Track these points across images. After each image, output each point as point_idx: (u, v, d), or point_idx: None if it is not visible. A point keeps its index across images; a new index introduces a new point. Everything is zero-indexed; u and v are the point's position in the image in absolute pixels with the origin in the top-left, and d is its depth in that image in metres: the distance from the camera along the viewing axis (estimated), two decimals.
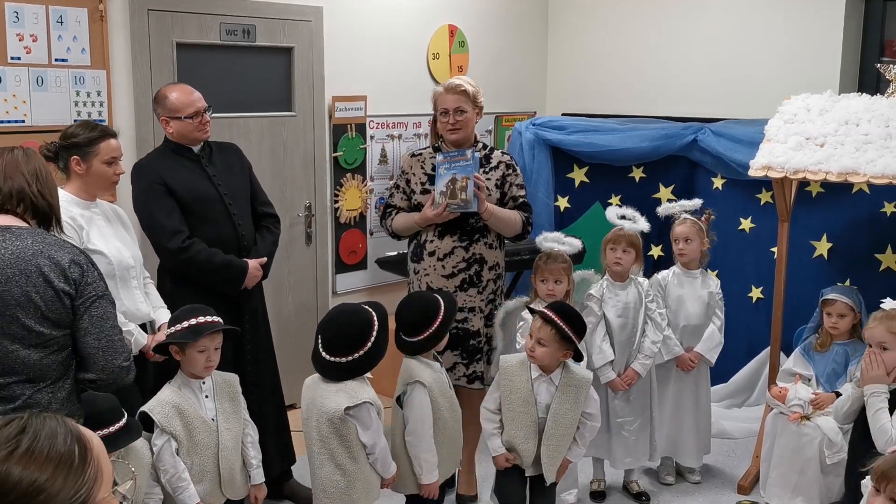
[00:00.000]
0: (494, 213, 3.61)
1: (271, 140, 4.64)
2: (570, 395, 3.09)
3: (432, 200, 3.59)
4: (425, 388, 2.99)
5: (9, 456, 1.27)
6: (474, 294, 3.68)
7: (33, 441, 1.29)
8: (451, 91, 3.62)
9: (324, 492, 2.84)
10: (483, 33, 5.69)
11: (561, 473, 3.21)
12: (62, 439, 1.31)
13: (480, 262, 3.68)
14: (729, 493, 3.96)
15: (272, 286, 4.35)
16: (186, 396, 2.81)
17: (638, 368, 3.74)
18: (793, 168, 3.67)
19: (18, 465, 1.26)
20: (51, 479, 1.27)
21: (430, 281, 3.65)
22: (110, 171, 3.05)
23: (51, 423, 1.33)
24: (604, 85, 5.86)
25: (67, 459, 1.30)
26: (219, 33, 4.38)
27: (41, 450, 1.28)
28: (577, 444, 3.18)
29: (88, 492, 1.31)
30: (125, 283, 3.07)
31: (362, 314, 2.85)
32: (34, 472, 1.26)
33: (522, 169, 5.15)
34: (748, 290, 4.85)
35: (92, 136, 3.00)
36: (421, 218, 3.64)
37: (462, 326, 3.67)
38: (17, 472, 1.26)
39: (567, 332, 3.00)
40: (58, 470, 1.28)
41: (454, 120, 3.62)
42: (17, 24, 3.70)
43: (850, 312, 3.69)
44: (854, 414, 3.26)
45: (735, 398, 4.86)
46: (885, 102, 3.73)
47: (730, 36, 5.30)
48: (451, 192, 3.54)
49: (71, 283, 2.27)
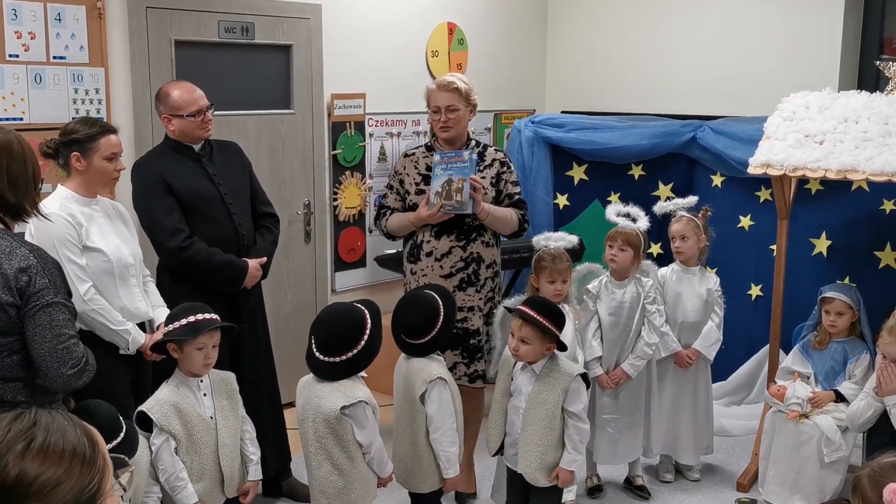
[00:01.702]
0: (491, 212, 3.61)
1: (270, 138, 4.64)
2: (548, 385, 3.01)
3: (427, 200, 3.58)
4: (447, 384, 3.01)
5: (26, 451, 1.27)
6: (473, 293, 3.68)
7: (47, 435, 1.29)
8: (443, 89, 3.59)
9: (322, 492, 2.83)
10: (482, 31, 5.68)
11: (563, 482, 3.06)
12: (72, 432, 1.32)
13: (478, 260, 3.67)
14: (728, 490, 3.96)
15: (271, 284, 4.34)
16: (184, 395, 2.81)
17: (627, 369, 3.73)
18: (792, 165, 3.67)
19: (35, 460, 1.26)
20: (67, 472, 1.28)
21: (428, 282, 3.63)
22: (111, 168, 3.04)
23: (58, 417, 1.34)
24: (603, 82, 5.85)
25: (80, 452, 1.30)
26: (217, 31, 4.38)
27: (56, 443, 1.29)
28: (567, 450, 3.04)
29: (99, 483, 1.32)
30: (124, 281, 3.06)
31: (355, 313, 2.84)
32: (52, 467, 1.27)
33: (521, 167, 5.18)
34: (747, 288, 4.84)
35: (92, 132, 2.99)
36: (416, 218, 3.63)
37: (462, 326, 3.66)
38: (34, 468, 1.26)
39: (547, 326, 2.96)
40: (73, 463, 1.29)
41: (446, 118, 3.60)
42: (15, 22, 3.69)
43: (849, 310, 3.68)
44: (871, 422, 3.33)
45: (734, 396, 4.86)
46: (885, 100, 3.73)
47: (729, 33, 5.30)
48: (447, 193, 3.53)
49: (15, 293, 2.27)
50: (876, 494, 1.69)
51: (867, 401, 3.38)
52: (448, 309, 3.07)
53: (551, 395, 3.01)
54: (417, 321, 3.04)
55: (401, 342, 3.09)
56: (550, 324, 2.97)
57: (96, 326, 2.95)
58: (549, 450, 3.03)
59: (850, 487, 1.84)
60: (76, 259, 2.90)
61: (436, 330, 3.03)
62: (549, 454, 3.03)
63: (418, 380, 3.01)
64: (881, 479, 1.70)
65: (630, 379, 3.76)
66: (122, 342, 3.01)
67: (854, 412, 3.43)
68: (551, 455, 3.03)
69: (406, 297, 3.24)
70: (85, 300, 2.89)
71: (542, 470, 3.03)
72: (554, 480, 3.04)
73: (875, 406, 3.34)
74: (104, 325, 2.95)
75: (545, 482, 3.03)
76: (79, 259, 2.91)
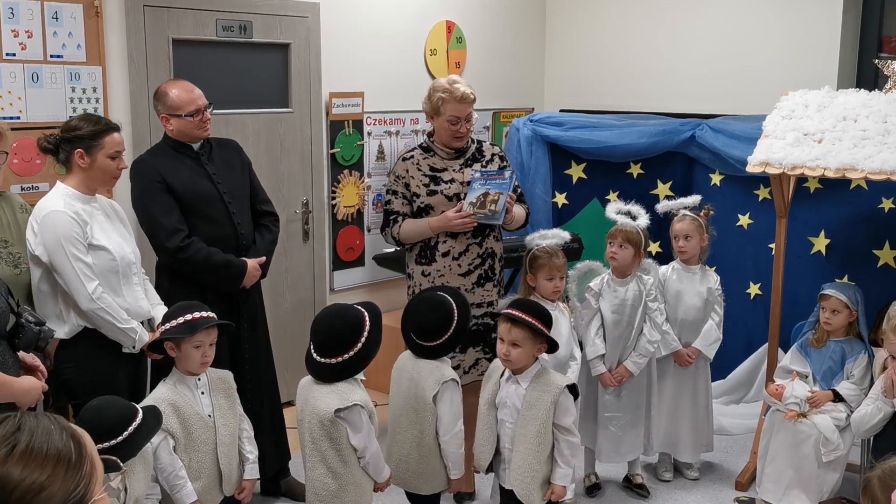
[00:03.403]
0: (515, 216, 3.70)
1: (268, 137, 4.63)
2: (537, 399, 2.94)
3: (460, 208, 3.58)
4: (458, 385, 3.00)
5: (8, 455, 1.26)
6: (490, 288, 3.72)
7: (31, 439, 1.28)
8: (464, 101, 3.59)
9: (315, 494, 2.81)
10: (481, 29, 5.68)
11: (558, 496, 2.98)
12: (58, 436, 1.30)
13: (492, 255, 3.73)
14: (727, 489, 3.96)
15: (270, 283, 4.34)
16: (182, 393, 2.80)
17: (630, 367, 3.73)
18: (790, 164, 3.67)
19: (18, 464, 1.25)
20: (51, 477, 1.26)
21: (446, 282, 3.63)
22: (114, 166, 3.02)
23: (44, 421, 1.32)
24: (602, 81, 5.85)
25: (65, 456, 1.29)
26: (215, 29, 4.37)
27: (39, 447, 1.28)
28: (558, 465, 2.96)
29: (86, 487, 1.31)
30: (127, 279, 3.05)
31: (353, 315, 2.80)
32: (35, 472, 1.26)
33: (520, 165, 5.18)
34: (746, 287, 4.84)
35: (97, 130, 2.96)
36: (439, 223, 3.60)
37: (483, 321, 3.66)
38: (17, 473, 1.25)
39: (537, 326, 2.92)
40: (57, 467, 1.27)
41: (466, 129, 3.64)
42: (12, 20, 3.68)
43: (845, 309, 3.67)
44: (879, 427, 3.33)
45: (733, 394, 4.85)
46: (883, 98, 3.72)
47: (728, 32, 5.30)
48: (481, 203, 3.56)
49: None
50: (885, 497, 1.68)
51: (876, 405, 3.34)
52: (462, 312, 3.05)
53: (541, 409, 2.92)
54: (431, 324, 3.01)
55: (411, 343, 3.06)
56: (540, 323, 2.95)
57: (103, 325, 2.94)
58: (541, 466, 2.96)
59: (860, 489, 1.83)
60: (83, 257, 2.89)
61: (449, 333, 3.01)
62: (541, 470, 2.96)
63: (430, 380, 2.98)
64: (891, 481, 1.70)
65: (632, 377, 3.76)
66: (129, 341, 3.00)
67: (861, 418, 3.40)
68: (543, 471, 2.96)
69: (420, 298, 3.19)
70: (93, 298, 2.88)
71: (537, 488, 2.96)
72: (549, 497, 2.98)
73: (885, 410, 3.30)
74: (111, 324, 2.94)
75: (540, 501, 2.97)
76: (85, 257, 2.89)
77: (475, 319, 3.64)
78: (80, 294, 2.88)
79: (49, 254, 2.87)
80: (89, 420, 2.44)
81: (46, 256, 2.88)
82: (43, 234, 2.87)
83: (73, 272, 2.86)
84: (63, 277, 2.88)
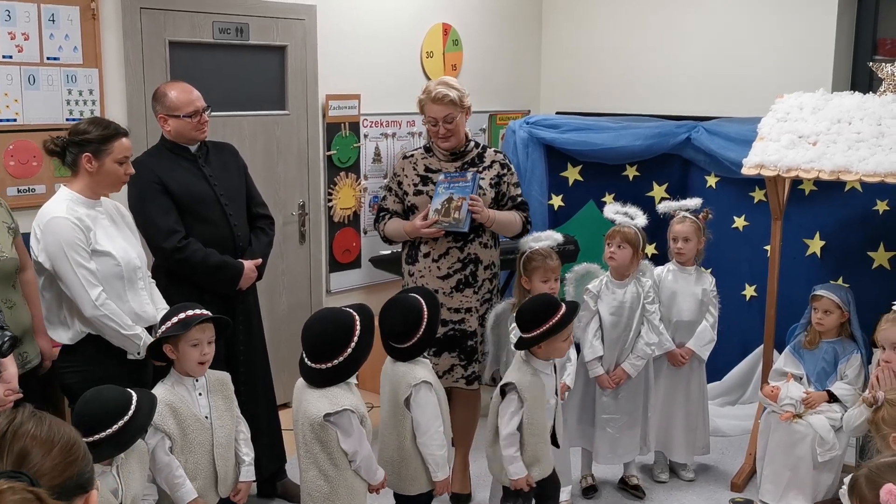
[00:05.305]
0: (497, 219, 3.63)
1: (265, 139, 4.63)
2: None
3: (425, 215, 3.57)
4: (431, 387, 2.99)
5: (40, 422, 1.40)
6: (470, 294, 3.67)
7: (52, 419, 1.41)
8: (437, 102, 3.55)
9: (309, 496, 2.82)
10: (477, 32, 5.69)
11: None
12: (67, 429, 1.44)
13: (475, 261, 3.67)
14: (722, 490, 3.96)
15: (266, 285, 4.35)
16: (180, 394, 2.80)
17: (628, 368, 3.74)
18: (786, 166, 3.68)
19: (55, 425, 1.41)
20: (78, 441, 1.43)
21: (426, 283, 3.63)
22: (121, 171, 3.00)
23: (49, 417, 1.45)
24: (598, 83, 5.86)
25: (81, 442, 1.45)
26: (212, 32, 4.37)
27: (59, 426, 1.42)
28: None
29: (92, 473, 1.43)
30: (132, 284, 3.04)
31: (343, 319, 2.78)
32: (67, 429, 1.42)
33: (516, 167, 5.15)
34: (742, 289, 4.86)
35: (106, 134, 2.95)
36: (411, 228, 3.62)
37: (459, 328, 3.66)
38: (61, 428, 1.41)
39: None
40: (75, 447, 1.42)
41: (444, 130, 3.60)
42: (8, 23, 3.68)
43: (837, 310, 3.70)
44: (865, 427, 3.30)
45: (729, 396, 4.87)
46: (878, 101, 3.74)
47: (723, 34, 5.31)
48: (446, 210, 3.54)
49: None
50: (873, 495, 1.70)
51: (861, 408, 3.37)
52: (432, 313, 3.02)
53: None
54: (400, 326, 3.00)
55: (387, 346, 3.06)
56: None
57: (107, 332, 2.93)
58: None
59: (848, 487, 1.85)
60: (85, 263, 2.87)
61: (419, 334, 2.99)
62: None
63: (403, 384, 2.98)
64: (878, 479, 1.72)
65: (630, 379, 3.77)
66: (133, 347, 2.98)
67: (848, 418, 3.45)
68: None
69: (390, 302, 3.16)
70: (97, 305, 2.87)
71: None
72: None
73: (867, 414, 3.33)
74: (115, 331, 2.93)
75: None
76: (88, 263, 2.88)
77: (452, 325, 3.63)
78: (84, 301, 2.87)
79: (51, 260, 2.87)
80: (84, 413, 2.43)
81: (49, 263, 2.88)
82: (45, 240, 2.86)
83: (75, 279, 2.86)
84: (66, 284, 2.87)
